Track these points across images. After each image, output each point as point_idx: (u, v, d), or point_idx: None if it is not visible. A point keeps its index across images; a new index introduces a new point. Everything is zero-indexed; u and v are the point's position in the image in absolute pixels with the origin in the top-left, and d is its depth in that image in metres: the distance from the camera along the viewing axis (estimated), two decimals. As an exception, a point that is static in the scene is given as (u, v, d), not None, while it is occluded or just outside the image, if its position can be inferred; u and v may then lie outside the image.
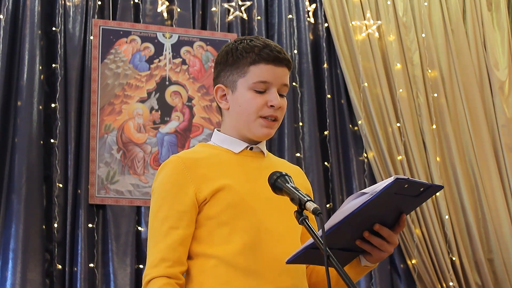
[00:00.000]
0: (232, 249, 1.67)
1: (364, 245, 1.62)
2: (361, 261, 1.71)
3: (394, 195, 1.53)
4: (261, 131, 1.77)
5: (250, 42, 1.79)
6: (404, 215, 1.62)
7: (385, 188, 1.48)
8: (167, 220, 1.69)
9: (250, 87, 1.76)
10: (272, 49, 1.77)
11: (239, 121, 1.78)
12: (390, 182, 1.48)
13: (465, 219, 4.68)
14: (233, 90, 1.79)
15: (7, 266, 3.75)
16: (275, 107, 1.76)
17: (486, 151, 4.83)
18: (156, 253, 1.67)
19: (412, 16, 4.98)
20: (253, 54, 1.76)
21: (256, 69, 1.76)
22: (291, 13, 4.75)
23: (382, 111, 4.68)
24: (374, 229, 1.60)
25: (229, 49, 1.81)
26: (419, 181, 1.55)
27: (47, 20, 4.24)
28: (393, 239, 1.63)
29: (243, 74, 1.77)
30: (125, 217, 4.06)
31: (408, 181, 1.50)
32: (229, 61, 1.80)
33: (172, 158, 1.76)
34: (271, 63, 1.76)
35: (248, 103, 1.76)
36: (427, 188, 1.57)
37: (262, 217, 1.71)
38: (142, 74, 4.31)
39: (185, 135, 4.29)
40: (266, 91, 1.77)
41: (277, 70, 1.77)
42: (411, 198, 1.58)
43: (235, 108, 1.79)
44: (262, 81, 1.76)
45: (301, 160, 4.45)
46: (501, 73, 5.08)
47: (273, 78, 1.76)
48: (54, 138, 4.07)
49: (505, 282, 4.63)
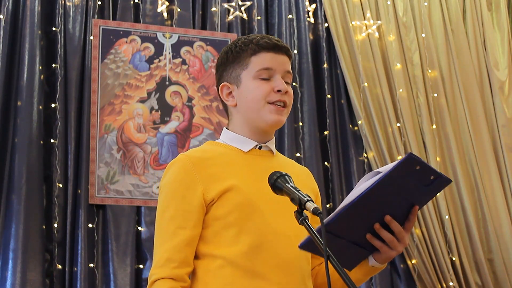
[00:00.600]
0: (238, 250, 1.67)
1: (374, 240, 1.62)
2: (369, 261, 1.71)
3: (406, 178, 1.52)
4: (271, 117, 1.76)
5: (248, 37, 1.81)
6: (417, 207, 1.62)
7: (399, 163, 1.48)
8: (174, 219, 1.68)
9: (254, 76, 1.77)
10: (270, 38, 1.79)
11: (248, 112, 1.78)
12: (403, 158, 1.49)
13: (465, 219, 4.68)
14: (238, 84, 1.79)
15: (7, 266, 3.75)
16: (282, 92, 1.76)
17: (486, 151, 4.83)
18: (162, 253, 1.67)
19: (412, 16, 4.98)
20: (252, 45, 1.78)
21: (258, 58, 1.77)
22: (291, 13, 4.75)
23: (382, 111, 4.68)
24: (385, 220, 1.59)
25: (228, 49, 1.82)
26: (430, 166, 1.55)
27: (47, 20, 4.24)
28: (402, 237, 1.63)
29: (245, 66, 1.78)
30: (125, 217, 4.06)
31: (420, 161, 1.51)
32: (230, 58, 1.81)
33: (181, 157, 1.75)
34: (271, 50, 1.78)
35: (255, 91, 1.76)
36: (437, 178, 1.56)
37: (269, 219, 1.71)
38: (142, 74, 4.31)
39: (185, 135, 4.29)
40: (271, 79, 1.77)
41: (278, 57, 1.78)
42: (422, 187, 1.58)
43: (243, 101, 1.79)
44: (265, 68, 1.77)
45: (301, 160, 4.45)
46: (501, 73, 5.08)
47: (275, 64, 1.78)
48: (54, 138, 4.07)
49: (505, 282, 4.63)
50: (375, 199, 1.54)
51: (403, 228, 1.63)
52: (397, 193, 1.57)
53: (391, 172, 1.49)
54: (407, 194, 1.59)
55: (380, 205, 1.57)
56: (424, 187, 1.58)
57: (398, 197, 1.58)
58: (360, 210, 1.54)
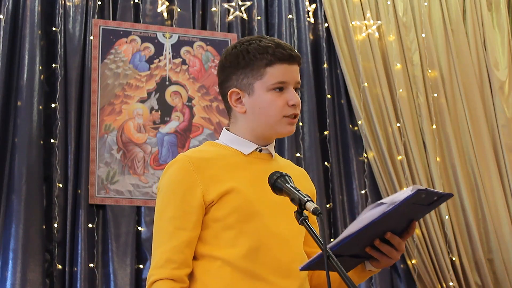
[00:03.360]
0: (237, 252, 1.66)
1: (373, 252, 1.63)
2: (366, 266, 1.72)
3: (412, 205, 1.54)
4: (286, 129, 1.78)
5: (261, 43, 1.77)
6: (415, 222, 1.64)
7: (406, 199, 1.49)
8: (174, 220, 1.68)
9: (269, 88, 1.76)
10: (284, 48, 1.77)
11: (259, 122, 1.77)
12: (411, 193, 1.48)
13: (465, 219, 4.68)
14: (250, 93, 1.77)
15: (7, 266, 3.75)
16: (296, 105, 1.77)
17: (486, 151, 4.83)
18: (161, 253, 1.66)
19: (412, 16, 4.98)
20: (267, 55, 1.75)
21: (273, 69, 1.76)
22: (291, 13, 4.75)
23: (382, 111, 4.68)
24: (386, 237, 1.61)
25: (239, 52, 1.78)
26: (435, 191, 1.57)
27: (47, 20, 4.23)
28: (401, 247, 1.64)
29: (259, 76, 1.76)
30: (125, 217, 4.06)
31: (426, 191, 1.52)
32: (241, 64, 1.77)
33: (180, 157, 1.74)
34: (286, 62, 1.76)
35: (270, 105, 1.75)
36: (440, 197, 1.59)
37: (268, 221, 1.71)
38: (142, 74, 4.31)
39: (185, 135, 4.29)
40: (284, 90, 1.77)
41: (292, 69, 1.78)
42: (424, 207, 1.60)
43: (254, 111, 1.77)
44: (280, 82, 1.76)
45: (301, 160, 4.45)
46: (501, 73, 5.08)
47: (289, 77, 1.77)
48: (54, 138, 4.07)
49: (505, 282, 4.63)
50: (380, 225, 1.55)
51: (401, 238, 1.64)
52: (400, 217, 1.59)
53: (399, 206, 1.50)
54: (409, 215, 1.61)
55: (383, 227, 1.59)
56: (426, 206, 1.61)
57: (401, 218, 1.60)
58: (363, 236, 1.55)
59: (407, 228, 1.64)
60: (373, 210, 1.53)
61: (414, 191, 1.48)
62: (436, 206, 1.64)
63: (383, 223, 1.55)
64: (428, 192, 1.52)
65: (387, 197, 1.54)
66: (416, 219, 1.65)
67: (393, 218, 1.55)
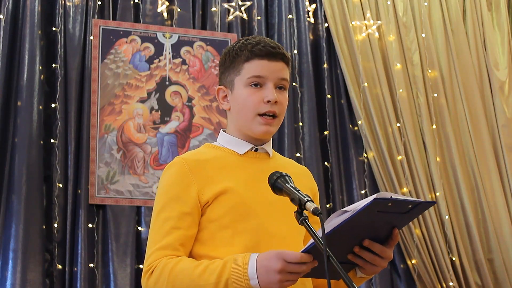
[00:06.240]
0: (234, 251, 1.66)
1: (356, 259, 1.61)
2: (357, 272, 1.71)
3: (378, 213, 1.50)
4: (259, 129, 1.76)
5: (245, 41, 1.80)
6: (396, 229, 1.60)
7: (363, 208, 1.46)
8: (169, 220, 1.69)
9: (246, 83, 1.77)
10: (265, 44, 1.77)
11: (240, 120, 1.79)
12: (368, 203, 1.46)
13: (465, 219, 4.68)
14: (232, 89, 1.80)
15: (7, 266, 3.75)
16: (271, 102, 1.75)
17: (486, 151, 4.83)
18: (156, 250, 1.67)
19: (412, 16, 4.98)
20: (246, 51, 1.77)
21: (250, 65, 1.77)
22: (291, 13, 4.75)
23: (382, 111, 4.68)
24: (364, 244, 1.58)
25: (227, 51, 1.82)
26: (405, 199, 1.52)
27: (47, 20, 4.24)
28: (386, 254, 1.61)
29: (238, 72, 1.78)
30: (125, 217, 4.06)
31: (391, 200, 1.48)
32: (227, 62, 1.81)
33: (177, 160, 1.76)
34: (265, 58, 1.76)
35: (245, 100, 1.76)
36: (417, 205, 1.54)
37: (264, 220, 1.71)
38: (142, 74, 4.31)
39: (185, 135, 4.29)
40: (262, 87, 1.76)
41: (271, 65, 1.77)
42: (400, 215, 1.56)
43: (235, 107, 1.79)
44: (255, 76, 1.76)
45: (301, 160, 4.45)
46: (501, 73, 5.08)
47: (267, 72, 1.76)
48: (54, 138, 4.07)
49: (505, 282, 4.63)
50: (347, 233, 1.52)
51: (386, 245, 1.61)
52: (372, 223, 1.55)
53: (358, 215, 1.46)
54: (386, 221, 1.57)
55: (357, 234, 1.56)
56: (403, 214, 1.56)
57: (377, 224, 1.56)
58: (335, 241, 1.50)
59: (391, 235, 1.61)
60: (336, 218, 1.51)
61: (370, 201, 1.45)
62: (418, 214, 1.60)
63: (352, 231, 1.52)
64: (394, 201, 1.48)
65: (352, 205, 1.51)
66: (399, 226, 1.61)
67: (362, 226, 1.52)
